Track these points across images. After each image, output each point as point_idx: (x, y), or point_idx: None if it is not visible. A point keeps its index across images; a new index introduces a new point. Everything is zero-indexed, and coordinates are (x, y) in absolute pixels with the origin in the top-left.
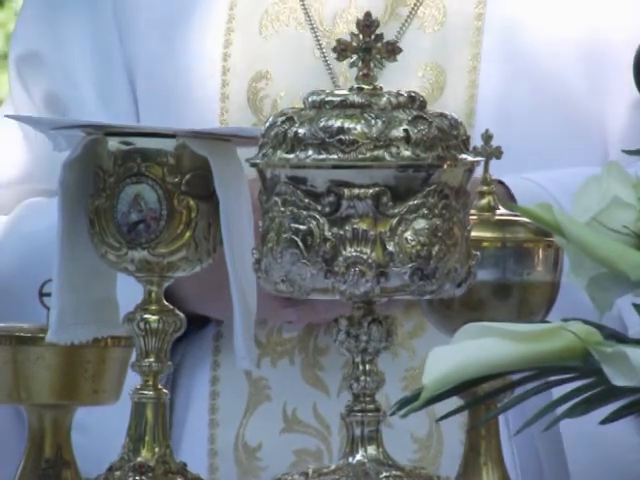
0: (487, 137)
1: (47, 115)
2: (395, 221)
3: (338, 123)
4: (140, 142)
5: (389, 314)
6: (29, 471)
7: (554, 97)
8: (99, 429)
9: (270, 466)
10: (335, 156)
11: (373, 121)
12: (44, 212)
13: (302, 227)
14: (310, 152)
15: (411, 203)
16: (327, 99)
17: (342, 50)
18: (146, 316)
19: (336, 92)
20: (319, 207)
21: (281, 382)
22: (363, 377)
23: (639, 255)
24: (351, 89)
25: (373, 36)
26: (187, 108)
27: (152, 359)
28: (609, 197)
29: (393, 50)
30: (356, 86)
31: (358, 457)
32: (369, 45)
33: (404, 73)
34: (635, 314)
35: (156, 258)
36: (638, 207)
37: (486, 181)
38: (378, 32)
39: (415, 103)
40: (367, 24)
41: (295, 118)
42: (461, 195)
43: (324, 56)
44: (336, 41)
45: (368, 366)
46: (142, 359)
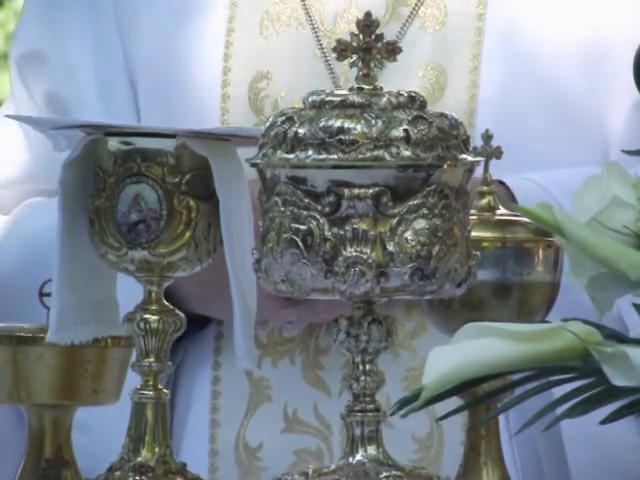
0: (487, 137)
1: (48, 115)
2: (395, 221)
3: (338, 123)
4: (140, 142)
5: (389, 314)
6: (29, 471)
7: (554, 97)
8: (99, 429)
9: (271, 466)
10: (335, 156)
11: (373, 121)
12: (44, 212)
13: (302, 227)
14: (310, 152)
15: (411, 203)
16: (327, 99)
17: (342, 50)
18: (146, 316)
19: (336, 92)
20: (319, 207)
21: (282, 382)
22: (363, 377)
23: (639, 255)
24: (351, 89)
25: (373, 36)
26: (188, 108)
27: (152, 359)
28: (609, 197)
29: (393, 50)
30: (356, 86)
31: (358, 457)
32: (369, 45)
33: (405, 73)
34: (636, 314)
35: (156, 258)
36: (638, 207)
37: (486, 181)
38: (378, 32)
39: (415, 103)
40: (367, 24)
41: (295, 118)
42: (461, 195)
43: (325, 56)
44: (336, 41)
45: (368, 366)
46: (142, 359)
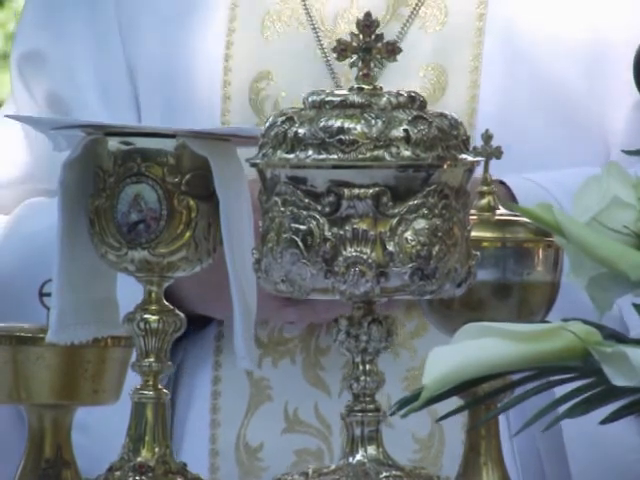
0: (487, 137)
1: (49, 115)
2: (395, 221)
3: (338, 123)
4: (140, 142)
5: (389, 314)
6: (29, 471)
7: (555, 97)
8: (99, 429)
9: (271, 466)
10: (335, 156)
11: (373, 121)
12: (45, 212)
13: (302, 227)
14: (310, 152)
15: (411, 203)
16: (327, 99)
17: (342, 50)
18: (146, 316)
19: (336, 92)
20: (319, 207)
21: (282, 382)
22: (363, 377)
23: (639, 255)
24: (351, 89)
25: (373, 36)
26: (188, 108)
27: (152, 359)
28: (609, 197)
29: (393, 50)
30: (356, 86)
31: (358, 457)
32: (369, 45)
33: (406, 73)
34: (636, 314)
35: (156, 258)
36: (638, 207)
37: (486, 181)
38: (378, 32)
39: (415, 103)
40: (367, 24)
41: (295, 118)
42: (461, 195)
43: (325, 56)
44: (336, 41)
45: (368, 366)
46: (142, 359)
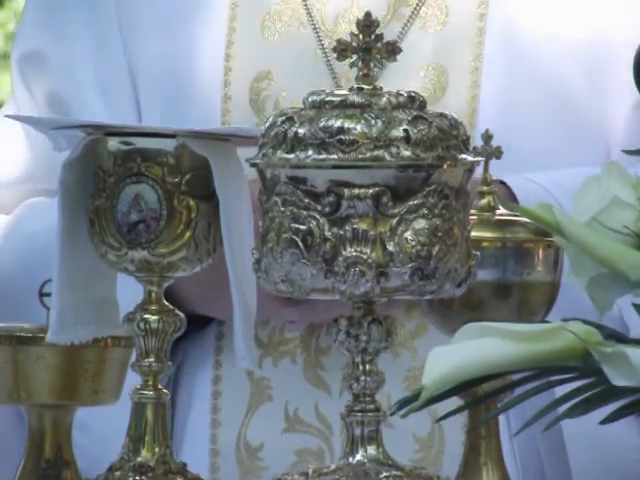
0: (487, 137)
1: (50, 115)
2: (395, 221)
3: (338, 123)
4: (140, 142)
5: (389, 314)
6: (29, 471)
7: (555, 97)
8: (100, 429)
9: (272, 466)
10: (335, 156)
11: (373, 121)
12: (45, 212)
13: (302, 227)
14: (310, 152)
15: (411, 203)
16: (327, 99)
17: (342, 50)
18: (146, 316)
19: (336, 92)
20: (319, 207)
21: (283, 382)
22: (363, 377)
23: (639, 255)
24: (351, 89)
25: (373, 36)
26: (189, 108)
27: (152, 359)
28: (609, 197)
29: (393, 50)
30: (356, 86)
31: (358, 457)
32: (369, 45)
33: (406, 73)
34: (637, 314)
35: (156, 258)
36: (638, 207)
37: (486, 181)
38: (379, 32)
39: (415, 103)
40: (367, 24)
41: (295, 118)
42: (461, 195)
43: (326, 56)
44: (336, 41)
45: (368, 366)
46: (142, 359)
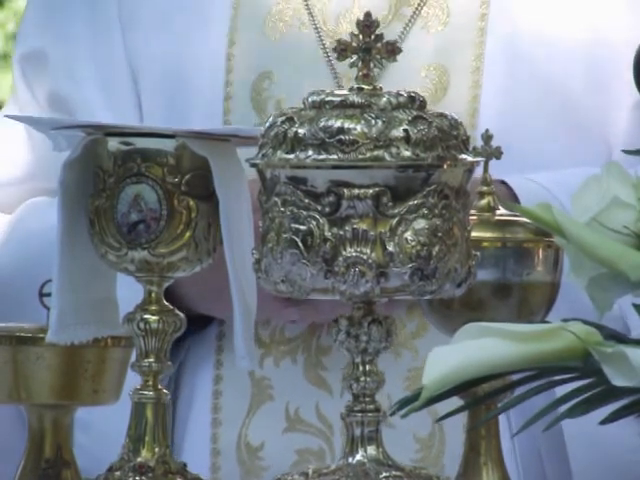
0: (487, 137)
1: (51, 115)
2: (395, 221)
3: (338, 123)
4: (140, 142)
5: (389, 314)
6: (29, 471)
7: (556, 97)
8: (101, 428)
9: (272, 465)
10: (335, 156)
11: (373, 121)
12: (46, 212)
13: (302, 227)
14: (310, 152)
15: (411, 203)
16: (327, 99)
17: (342, 50)
18: (146, 316)
19: (336, 92)
20: (319, 207)
21: (284, 382)
22: (363, 377)
23: (639, 255)
24: (351, 89)
25: (373, 36)
26: (190, 108)
27: (152, 359)
28: (609, 197)
29: (393, 50)
30: (356, 86)
31: (358, 457)
32: (369, 45)
33: (407, 73)
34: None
35: (156, 258)
36: (638, 207)
37: (486, 181)
38: (379, 32)
39: (415, 103)
40: (367, 24)
41: (295, 118)
42: (461, 195)
43: (327, 56)
44: (336, 41)
45: (368, 366)
46: (142, 359)
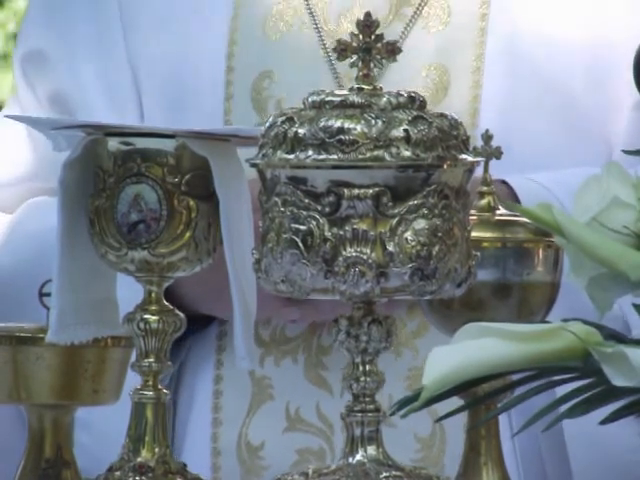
0: (487, 137)
1: (53, 114)
2: (395, 221)
3: (338, 123)
4: (140, 142)
5: (389, 314)
6: (29, 471)
7: (556, 97)
8: (101, 427)
9: (273, 465)
10: (335, 156)
11: (373, 121)
12: (47, 212)
13: (302, 227)
14: (310, 152)
15: (411, 203)
16: (327, 99)
17: (342, 50)
18: (146, 316)
19: (336, 92)
20: (319, 207)
21: (284, 381)
22: (363, 377)
23: (639, 255)
24: (351, 89)
25: (373, 36)
26: (191, 107)
27: (152, 359)
28: (609, 197)
29: (393, 50)
30: (356, 86)
31: (358, 457)
32: (369, 45)
33: (408, 73)
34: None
35: (156, 258)
36: (638, 207)
37: (486, 181)
38: (379, 32)
39: (415, 103)
40: (367, 24)
41: (295, 118)
42: (461, 195)
43: (328, 56)
44: (336, 41)
45: (368, 366)
46: (142, 359)
